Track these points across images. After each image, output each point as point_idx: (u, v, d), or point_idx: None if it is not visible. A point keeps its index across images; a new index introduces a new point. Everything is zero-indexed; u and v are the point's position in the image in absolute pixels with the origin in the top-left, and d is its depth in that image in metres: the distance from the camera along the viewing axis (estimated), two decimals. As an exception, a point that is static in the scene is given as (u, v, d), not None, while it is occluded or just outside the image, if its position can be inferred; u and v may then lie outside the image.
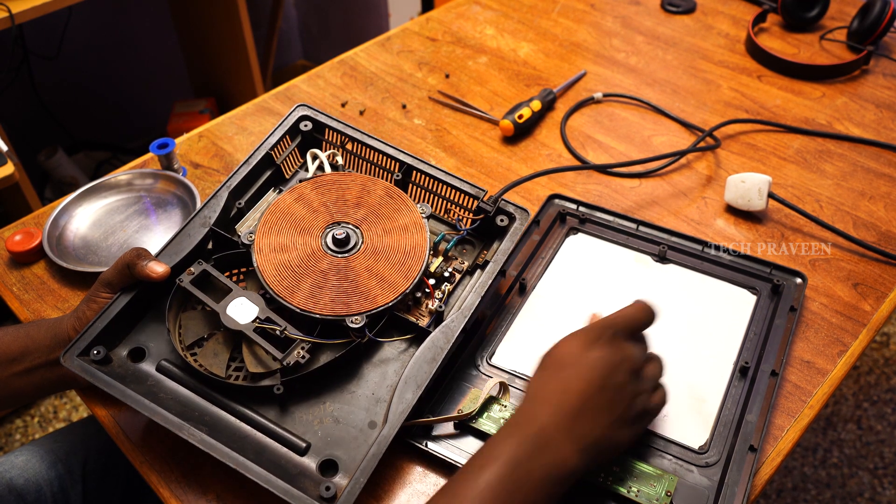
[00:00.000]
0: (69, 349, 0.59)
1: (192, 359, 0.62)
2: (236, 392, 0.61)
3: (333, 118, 0.76)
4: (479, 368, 0.67)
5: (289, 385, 0.60)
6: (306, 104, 0.77)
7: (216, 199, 0.69)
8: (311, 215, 0.68)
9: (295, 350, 0.60)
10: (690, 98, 1.02)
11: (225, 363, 0.62)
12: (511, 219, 0.70)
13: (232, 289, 0.63)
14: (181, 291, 0.63)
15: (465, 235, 0.72)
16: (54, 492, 0.75)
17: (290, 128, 0.75)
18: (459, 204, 0.72)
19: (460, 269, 0.69)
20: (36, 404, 1.64)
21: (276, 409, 0.60)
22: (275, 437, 0.59)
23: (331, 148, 0.77)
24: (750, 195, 0.82)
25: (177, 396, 0.60)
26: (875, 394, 1.65)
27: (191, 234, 0.67)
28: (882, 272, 0.78)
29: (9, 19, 1.31)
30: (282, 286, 0.63)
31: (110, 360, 0.61)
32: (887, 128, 0.96)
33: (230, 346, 0.63)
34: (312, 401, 0.61)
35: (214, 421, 0.59)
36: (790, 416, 0.65)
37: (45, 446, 0.79)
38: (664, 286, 0.75)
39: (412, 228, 0.68)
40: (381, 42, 1.15)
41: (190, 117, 1.97)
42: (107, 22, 1.94)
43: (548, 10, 1.22)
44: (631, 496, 0.57)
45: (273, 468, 0.55)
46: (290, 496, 0.53)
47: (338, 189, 0.70)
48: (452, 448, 0.61)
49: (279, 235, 0.66)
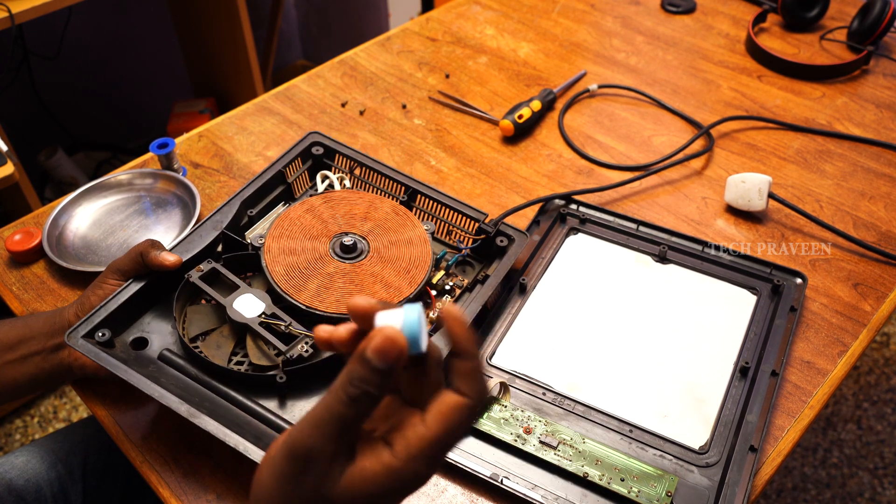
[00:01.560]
0: (74, 329, 0.60)
1: (196, 349, 0.63)
2: (237, 381, 0.61)
3: (343, 144, 0.80)
4: (479, 368, 0.67)
5: (290, 378, 0.60)
6: (318, 132, 0.80)
7: (229, 206, 0.72)
8: (321, 224, 0.70)
9: (299, 344, 0.61)
10: (690, 98, 1.02)
11: (227, 355, 0.63)
12: (510, 240, 0.72)
13: (239, 286, 0.65)
14: (189, 287, 0.65)
15: (466, 255, 0.74)
16: (54, 492, 0.75)
17: (302, 151, 0.79)
18: (461, 227, 0.75)
19: (461, 284, 0.72)
20: (35, 404, 1.64)
21: (276, 400, 0.61)
22: (274, 427, 0.59)
23: (339, 172, 0.80)
24: (750, 195, 0.82)
25: (178, 383, 0.61)
26: (875, 394, 1.64)
27: (202, 235, 0.69)
28: (882, 272, 0.78)
29: (9, 19, 1.31)
30: (289, 285, 0.65)
31: (114, 345, 0.62)
32: (887, 128, 0.96)
33: (234, 340, 0.64)
34: (313, 395, 0.62)
35: (214, 407, 0.60)
36: (790, 416, 0.65)
37: (45, 446, 0.79)
38: (664, 286, 0.75)
39: (417, 242, 0.70)
40: (381, 42, 1.15)
41: (190, 117, 1.97)
42: (107, 22, 1.94)
43: (548, 10, 1.22)
44: (631, 496, 0.57)
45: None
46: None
47: (346, 204, 0.73)
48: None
49: (289, 240, 0.68)
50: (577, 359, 0.68)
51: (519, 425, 0.62)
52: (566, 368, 0.67)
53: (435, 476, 0.61)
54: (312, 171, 0.80)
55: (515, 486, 0.58)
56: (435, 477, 0.61)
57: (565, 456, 0.60)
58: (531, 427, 0.62)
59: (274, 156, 0.93)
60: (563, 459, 0.59)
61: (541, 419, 0.62)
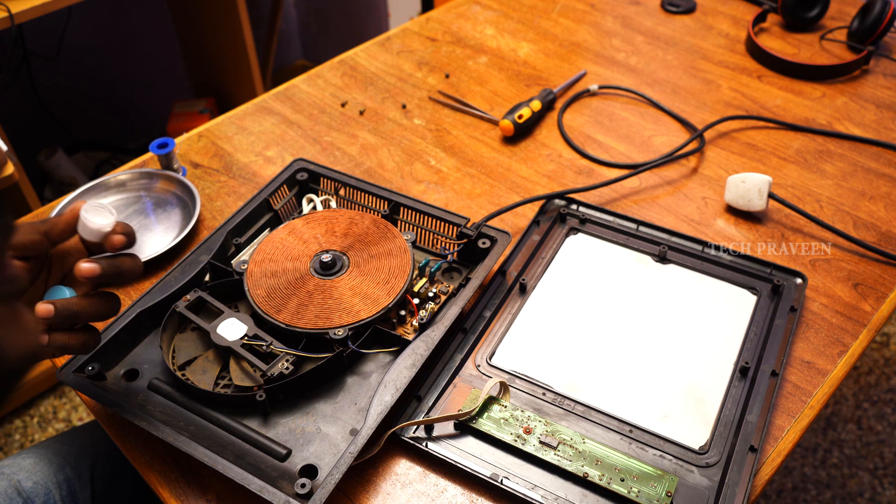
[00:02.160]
0: (65, 366, 0.63)
1: (181, 375, 0.64)
2: (221, 403, 0.62)
3: (327, 168, 0.81)
4: (479, 368, 0.67)
5: (272, 395, 0.61)
6: (303, 158, 0.82)
7: (216, 236, 0.74)
8: (302, 245, 0.72)
9: (279, 362, 0.62)
10: (690, 98, 1.02)
11: (213, 380, 0.64)
12: (493, 241, 0.72)
13: (223, 311, 0.66)
14: (176, 316, 0.67)
15: (450, 261, 0.74)
16: (63, 496, 0.75)
17: (288, 178, 0.80)
18: (443, 234, 0.75)
19: (445, 291, 0.71)
20: (35, 404, 1.64)
21: (259, 418, 0.62)
22: (256, 445, 0.60)
23: (325, 195, 0.81)
24: (750, 195, 0.82)
25: (164, 409, 0.62)
26: (875, 394, 1.64)
27: (189, 265, 0.71)
28: (882, 272, 0.78)
29: (8, 19, 1.31)
30: (269, 306, 0.66)
31: (104, 377, 0.64)
32: (887, 128, 0.96)
33: (219, 365, 0.65)
34: (296, 411, 0.63)
35: (199, 430, 0.61)
36: (790, 416, 0.65)
37: (54, 449, 0.79)
38: (664, 286, 0.75)
39: (396, 252, 0.70)
40: (381, 42, 1.15)
41: (190, 117, 1.97)
42: (107, 22, 1.94)
43: (548, 10, 1.22)
44: (631, 496, 0.57)
45: (252, 470, 0.56)
46: (265, 492, 0.54)
47: (327, 223, 0.74)
48: (452, 448, 0.61)
49: (270, 264, 0.70)
50: (577, 359, 0.68)
51: (519, 425, 0.62)
52: (566, 368, 0.67)
53: (435, 476, 0.61)
54: (299, 196, 0.81)
55: (515, 486, 0.58)
56: (435, 477, 0.61)
57: (565, 456, 0.60)
58: (531, 427, 0.62)
59: (273, 156, 0.93)
60: (562, 459, 0.59)
61: (541, 419, 0.62)
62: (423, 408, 0.64)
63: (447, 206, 0.86)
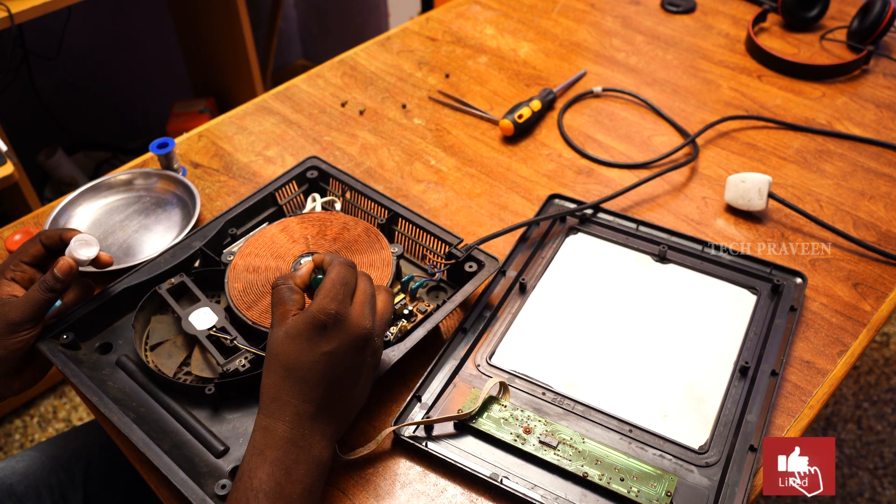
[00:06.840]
0: (44, 332, 0.63)
1: (147, 355, 0.65)
2: (175, 390, 0.63)
3: (338, 169, 0.80)
4: (479, 368, 0.67)
5: (223, 390, 0.62)
6: (317, 157, 0.82)
7: (213, 224, 0.74)
8: (290, 244, 0.72)
9: (238, 359, 0.63)
10: (690, 98, 1.02)
11: (177, 365, 0.65)
12: (480, 266, 0.71)
13: (200, 299, 0.67)
14: (157, 297, 0.67)
15: (435, 280, 0.72)
16: (55, 499, 0.75)
17: (298, 175, 0.80)
18: (435, 252, 0.74)
19: (424, 310, 0.70)
20: (35, 404, 1.64)
21: (208, 411, 0.62)
22: (197, 437, 0.61)
23: (332, 195, 0.81)
24: (750, 195, 0.82)
25: (123, 387, 0.64)
26: (875, 394, 1.64)
27: (181, 249, 0.71)
28: (882, 272, 0.78)
29: (8, 19, 1.31)
30: (242, 301, 0.66)
31: (79, 347, 0.66)
32: (887, 127, 0.96)
33: (185, 352, 0.66)
34: (246, 410, 0.63)
35: (148, 413, 0.62)
36: (790, 416, 0.65)
37: (47, 451, 0.79)
38: (664, 286, 0.75)
39: (379, 264, 0.70)
40: (381, 42, 1.15)
41: (190, 117, 1.97)
42: (107, 22, 1.94)
43: (548, 9, 1.22)
44: (631, 496, 0.57)
45: (183, 462, 0.57)
46: (184, 486, 0.55)
47: (321, 225, 0.74)
48: (452, 448, 0.61)
49: (255, 258, 0.70)
50: (576, 359, 0.68)
51: (519, 425, 0.62)
52: (566, 368, 0.67)
53: (435, 476, 0.61)
54: (307, 195, 0.81)
55: (515, 485, 0.58)
56: (435, 476, 0.61)
57: (565, 456, 0.60)
58: (531, 427, 0.62)
59: (273, 155, 0.93)
60: (562, 459, 0.59)
61: (540, 419, 0.62)
62: (423, 408, 0.64)
63: (447, 205, 0.86)
